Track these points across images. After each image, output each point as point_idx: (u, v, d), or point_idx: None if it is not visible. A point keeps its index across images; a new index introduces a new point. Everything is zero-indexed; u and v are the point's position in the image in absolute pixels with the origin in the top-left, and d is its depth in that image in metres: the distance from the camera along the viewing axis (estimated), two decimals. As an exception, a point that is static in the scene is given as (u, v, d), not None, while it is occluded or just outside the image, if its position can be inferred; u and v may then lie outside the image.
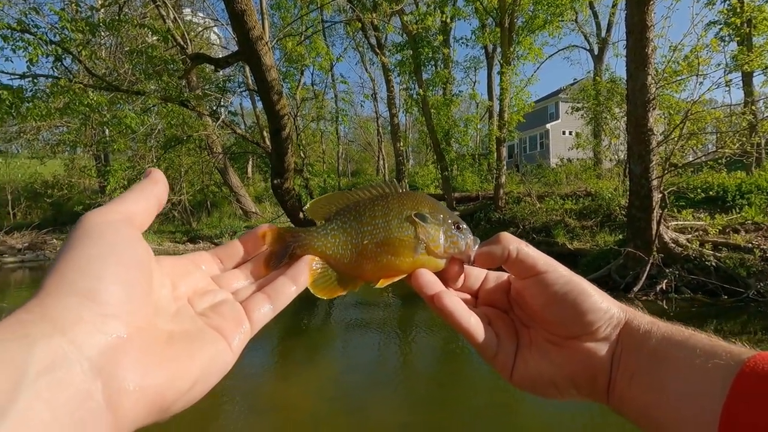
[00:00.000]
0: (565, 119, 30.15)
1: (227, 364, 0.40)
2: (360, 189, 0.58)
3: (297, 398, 4.37)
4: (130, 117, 7.59)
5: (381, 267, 0.54)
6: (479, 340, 0.52)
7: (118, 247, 0.36)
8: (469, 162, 15.81)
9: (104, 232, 0.36)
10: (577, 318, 0.50)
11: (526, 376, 0.53)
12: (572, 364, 0.51)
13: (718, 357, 0.43)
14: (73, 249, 0.34)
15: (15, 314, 0.30)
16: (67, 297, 0.31)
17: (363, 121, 29.00)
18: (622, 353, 0.50)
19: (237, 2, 6.42)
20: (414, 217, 0.55)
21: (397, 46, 13.09)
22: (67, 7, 9.58)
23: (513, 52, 12.36)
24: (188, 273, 0.46)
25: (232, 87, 13.67)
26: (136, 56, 8.56)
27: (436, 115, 13.28)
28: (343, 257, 0.54)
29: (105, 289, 0.33)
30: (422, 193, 0.68)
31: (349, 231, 0.55)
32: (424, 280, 0.53)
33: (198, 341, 0.38)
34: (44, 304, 0.31)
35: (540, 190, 13.90)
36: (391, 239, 0.54)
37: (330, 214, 0.56)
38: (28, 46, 6.60)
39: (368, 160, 35.60)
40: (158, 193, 0.44)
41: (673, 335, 0.48)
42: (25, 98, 6.97)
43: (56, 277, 0.32)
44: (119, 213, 0.39)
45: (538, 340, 0.54)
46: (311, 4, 12.16)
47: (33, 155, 21.48)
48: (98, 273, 0.33)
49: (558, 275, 0.52)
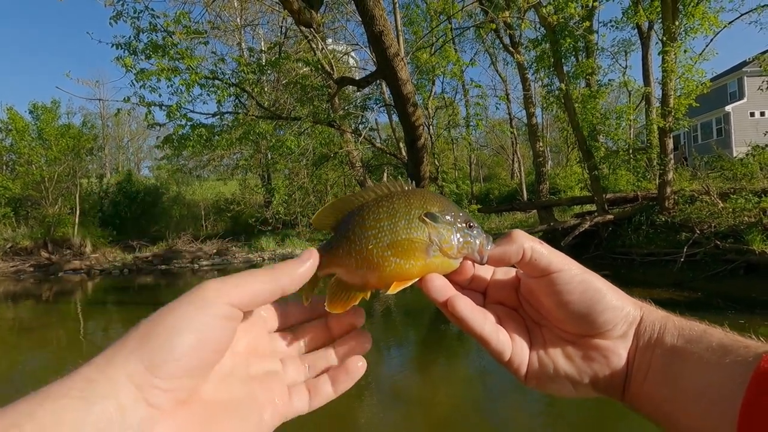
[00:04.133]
0: (753, 97, 24.38)
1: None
2: (364, 191, 0.54)
3: (439, 397, 4.37)
4: (290, 140, 8.76)
5: (390, 271, 0.50)
6: (493, 344, 0.51)
7: (202, 327, 0.37)
8: (624, 158, 13.89)
9: (202, 309, 0.38)
10: (593, 317, 0.49)
11: (541, 376, 0.52)
12: (589, 363, 0.51)
13: (735, 352, 0.43)
14: (164, 317, 0.37)
15: (86, 369, 0.34)
16: (135, 364, 0.34)
17: (496, 123, 28.04)
18: (638, 350, 0.50)
19: (376, 24, 6.89)
20: (424, 217, 0.52)
21: (533, 42, 12.33)
22: (243, 54, 11.55)
23: (679, 26, 10.50)
24: (252, 324, 0.47)
25: (371, 104, 14.66)
26: (292, 87, 9.86)
27: (581, 110, 12.05)
28: (349, 266, 0.51)
29: (170, 362, 0.35)
30: (428, 190, 0.59)
31: (352, 237, 0.51)
32: (434, 285, 0.51)
33: (238, 414, 0.40)
34: (113, 363, 0.34)
35: (722, 187, 11.43)
36: (399, 242, 0.50)
37: (336, 222, 0.54)
38: (217, 90, 8.19)
39: (501, 164, 34.26)
40: (284, 284, 0.45)
41: (689, 330, 0.47)
42: (215, 132, 8.63)
43: (136, 340, 0.35)
44: (227, 295, 0.40)
45: (552, 339, 0.53)
46: (441, 14, 12.34)
47: (218, 178, 26.36)
48: (171, 347, 0.35)
49: (572, 274, 0.50)
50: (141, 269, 16.79)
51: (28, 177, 19.88)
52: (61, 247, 18.61)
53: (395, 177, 0.57)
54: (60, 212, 20.05)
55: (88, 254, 18.35)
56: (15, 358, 6.73)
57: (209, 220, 26.07)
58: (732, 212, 9.84)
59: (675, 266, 9.43)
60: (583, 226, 11.29)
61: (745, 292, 7.73)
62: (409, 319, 8.18)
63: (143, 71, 7.30)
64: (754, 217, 9.36)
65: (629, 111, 14.87)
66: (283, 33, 15.84)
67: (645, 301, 0.53)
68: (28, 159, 19.83)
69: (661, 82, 11.09)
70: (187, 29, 7.18)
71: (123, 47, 7.13)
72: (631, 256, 10.93)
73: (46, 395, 0.32)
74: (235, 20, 19.70)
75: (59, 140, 20.14)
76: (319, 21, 6.99)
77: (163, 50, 7.14)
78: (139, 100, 7.64)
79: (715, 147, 17.26)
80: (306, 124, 10.01)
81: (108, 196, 24.84)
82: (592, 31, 13.39)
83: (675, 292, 8.03)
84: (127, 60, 7.01)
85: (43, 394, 0.32)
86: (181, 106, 7.92)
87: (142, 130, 43.65)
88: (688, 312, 0.51)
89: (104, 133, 39.27)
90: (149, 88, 7.46)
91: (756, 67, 20.23)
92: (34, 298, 12.23)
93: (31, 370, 6.05)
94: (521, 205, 17.42)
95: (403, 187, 0.55)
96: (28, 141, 20.14)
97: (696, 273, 8.99)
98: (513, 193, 23.51)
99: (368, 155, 19.75)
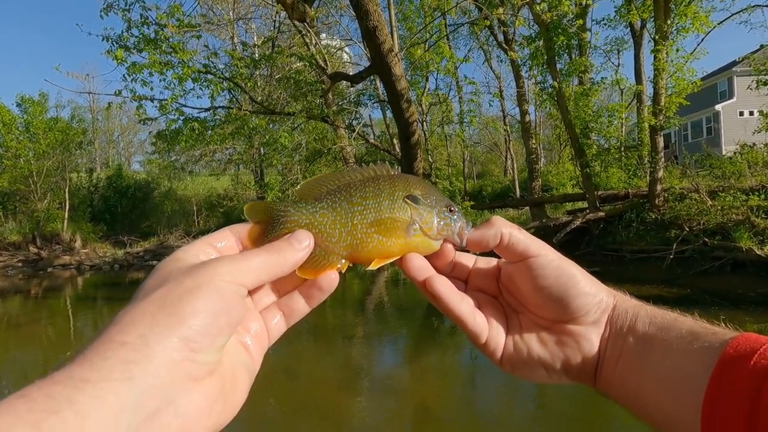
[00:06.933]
0: (742, 97, 24.67)
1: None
2: (351, 170, 0.57)
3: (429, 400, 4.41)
4: (283, 137, 8.71)
5: (372, 248, 0.52)
6: (470, 325, 0.52)
7: (222, 306, 0.39)
8: (615, 156, 14.00)
9: (224, 291, 0.40)
10: (566, 302, 0.50)
11: (515, 360, 0.53)
12: (562, 348, 0.52)
13: (703, 338, 0.44)
14: (188, 300, 0.38)
15: (121, 352, 0.33)
16: (173, 340, 0.35)
17: (490, 120, 28.09)
18: (610, 337, 0.51)
19: (370, 20, 6.86)
20: (406, 199, 0.54)
21: (527, 39, 12.36)
22: (236, 48, 11.41)
23: (671, 25, 10.59)
24: None
25: (364, 100, 14.60)
26: (286, 82, 9.79)
27: (574, 107, 12.12)
28: (331, 236, 0.53)
29: (206, 337, 0.37)
30: (414, 175, 0.62)
31: (339, 210, 0.54)
32: (414, 264, 0.52)
33: (239, 368, 0.44)
34: (148, 342, 0.34)
35: (711, 185, 11.58)
36: (382, 219, 0.53)
37: (320, 194, 0.55)
38: (210, 84, 8.11)
39: (494, 161, 34.42)
40: (285, 269, 0.47)
41: (660, 318, 0.49)
42: (209, 127, 8.56)
43: (174, 318, 0.36)
44: (239, 277, 0.42)
45: (528, 325, 0.54)
46: (435, 11, 12.31)
47: (210, 173, 26.14)
48: (205, 325, 0.37)
49: (548, 260, 0.51)
50: (132, 265, 16.62)
51: (16, 171, 19.53)
52: (50, 242, 18.36)
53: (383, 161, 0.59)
54: (49, 207, 19.76)
55: (77, 249, 18.13)
56: (2, 354, 6.65)
57: (201, 216, 25.86)
58: (720, 210, 9.97)
59: (664, 263, 9.56)
60: (574, 223, 11.39)
61: (732, 288, 7.88)
62: (402, 315, 8.22)
63: (135, 65, 7.19)
64: (741, 214, 9.50)
65: (621, 109, 14.99)
66: (276, 27, 15.70)
67: (620, 290, 0.55)
68: (16, 153, 19.47)
69: (653, 81, 11.17)
70: (180, 22, 7.08)
71: (114, 41, 7.01)
72: (621, 253, 11.05)
73: (82, 379, 0.31)
74: (227, 14, 19.47)
75: (47, 134, 19.79)
76: (313, 16, 6.94)
77: (155, 44, 7.04)
78: (131, 95, 7.53)
79: (704, 145, 17.47)
80: (299, 120, 9.96)
81: (98, 190, 24.52)
82: (585, 29, 13.46)
83: (664, 289, 8.15)
84: (119, 53, 6.90)
85: (78, 378, 0.31)
86: (174, 99, 7.82)
87: (132, 124, 43.08)
88: (676, 308, 0.52)
89: (94, 127, 38.69)
90: (141, 82, 7.36)
91: (745, 66, 20.48)
92: (22, 293, 12.07)
93: (19, 367, 5.99)
94: (514, 201, 17.50)
95: (389, 171, 0.57)
96: (16, 134, 19.77)
97: (685, 270, 9.13)
98: (506, 189, 23.62)
99: (362, 151, 19.71)
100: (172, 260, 0.44)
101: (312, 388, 4.81)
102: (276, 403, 4.37)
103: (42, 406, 0.28)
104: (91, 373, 0.31)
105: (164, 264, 0.43)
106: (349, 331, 7.02)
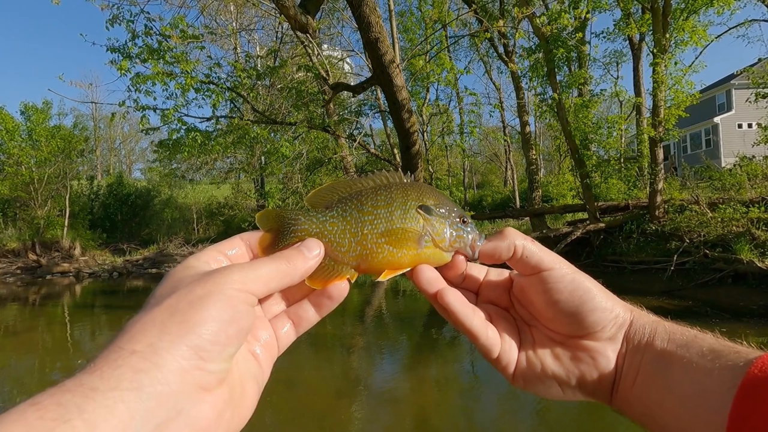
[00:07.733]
0: (741, 109, 24.84)
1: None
2: (363, 178, 0.55)
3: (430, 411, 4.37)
4: (285, 146, 8.75)
5: (382, 258, 0.51)
6: (482, 339, 0.51)
7: (232, 315, 0.39)
8: (615, 167, 14.04)
9: (234, 299, 0.40)
10: (581, 317, 0.49)
11: (528, 375, 0.52)
12: (577, 364, 0.50)
13: (725, 357, 0.43)
14: (198, 308, 0.38)
15: (132, 360, 0.33)
16: (182, 349, 0.35)
17: (490, 130, 28.25)
18: (627, 353, 0.49)
19: (372, 31, 6.94)
20: (419, 209, 0.53)
21: (527, 51, 12.49)
22: (240, 58, 11.51)
23: (669, 39, 10.70)
24: None
25: (366, 110, 14.70)
26: (288, 92, 9.87)
27: (574, 119, 12.19)
28: (341, 245, 0.51)
29: (216, 346, 0.37)
30: (426, 184, 0.60)
31: (349, 219, 0.53)
32: (425, 276, 0.51)
33: (247, 376, 0.44)
34: (158, 351, 0.34)
35: (711, 197, 11.59)
36: (393, 230, 0.51)
37: (331, 202, 0.55)
38: (212, 94, 8.17)
39: (494, 171, 34.51)
40: (294, 279, 0.47)
41: (679, 335, 0.47)
42: (211, 137, 8.60)
43: (184, 326, 0.36)
44: (249, 286, 0.42)
45: (541, 339, 0.53)
46: (436, 23, 12.46)
47: (211, 181, 26.24)
48: (215, 333, 0.37)
49: (563, 273, 0.50)
50: (131, 273, 16.58)
51: (17, 178, 19.59)
52: (49, 249, 18.32)
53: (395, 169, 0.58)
54: (49, 214, 19.76)
55: (77, 257, 18.09)
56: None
57: (201, 224, 25.86)
58: (721, 222, 9.97)
59: (665, 274, 9.53)
60: (575, 234, 11.38)
61: (734, 300, 7.84)
62: (402, 325, 8.17)
63: (139, 75, 7.25)
64: (742, 226, 9.50)
65: (621, 121, 15.07)
66: (279, 38, 15.88)
67: (637, 305, 0.53)
68: (18, 160, 19.56)
69: (652, 93, 11.26)
70: (184, 33, 7.16)
71: (118, 51, 7.08)
72: (621, 264, 11.02)
73: (92, 388, 0.31)
74: (230, 24, 19.71)
75: (49, 141, 19.90)
76: (315, 27, 7.02)
77: (159, 54, 7.11)
78: (135, 105, 7.59)
79: (704, 157, 17.52)
80: (301, 129, 10.01)
81: (98, 198, 24.55)
82: (584, 41, 13.61)
83: (665, 300, 8.11)
84: (123, 63, 6.97)
85: (88, 386, 0.31)
86: (177, 109, 7.87)
87: (134, 133, 43.34)
88: (677, 320, 0.52)
89: (96, 135, 38.90)
90: (144, 92, 7.42)
91: (744, 79, 20.70)
92: (20, 300, 12.02)
93: (16, 375, 5.94)
94: (514, 212, 17.51)
95: (402, 179, 0.56)
96: (18, 141, 19.88)
97: (685, 281, 9.09)
98: (506, 200, 23.65)
99: (362, 161, 19.80)
100: (184, 267, 0.44)
101: (311, 398, 4.77)
102: (274, 412, 4.33)
103: (52, 415, 0.29)
104: (101, 382, 0.31)
105: (175, 271, 0.43)
106: (348, 341, 6.97)
